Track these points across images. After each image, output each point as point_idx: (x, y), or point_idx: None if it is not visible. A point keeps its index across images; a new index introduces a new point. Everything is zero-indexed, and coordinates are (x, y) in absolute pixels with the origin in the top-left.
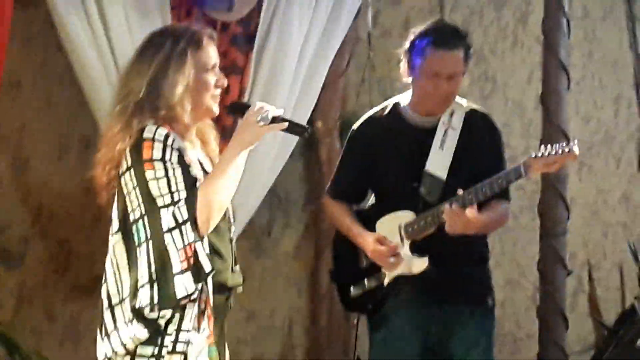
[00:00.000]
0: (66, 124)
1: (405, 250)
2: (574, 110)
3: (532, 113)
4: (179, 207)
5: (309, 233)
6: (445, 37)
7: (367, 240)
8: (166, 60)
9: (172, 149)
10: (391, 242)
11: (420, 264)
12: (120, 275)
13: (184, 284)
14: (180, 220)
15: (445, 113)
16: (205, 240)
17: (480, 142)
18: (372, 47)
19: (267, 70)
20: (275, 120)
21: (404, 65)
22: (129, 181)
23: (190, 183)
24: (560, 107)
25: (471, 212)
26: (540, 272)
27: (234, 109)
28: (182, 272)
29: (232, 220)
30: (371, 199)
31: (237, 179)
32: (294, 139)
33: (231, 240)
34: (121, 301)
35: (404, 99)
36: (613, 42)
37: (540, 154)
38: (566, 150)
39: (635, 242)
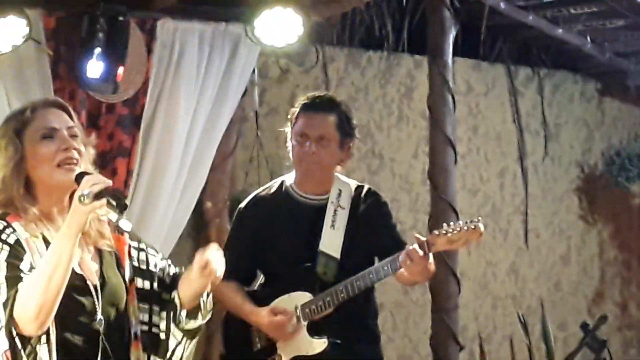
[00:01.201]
0: None
1: (303, 331)
2: (461, 183)
3: (420, 187)
4: None
5: None
6: (314, 101)
7: (260, 315)
8: None
9: (4, 243)
10: (285, 312)
11: (318, 345)
12: None
13: None
14: (0, 326)
15: (333, 192)
16: (44, 340)
17: (370, 218)
18: (259, 126)
19: (155, 151)
20: (99, 195)
21: (289, 143)
22: None
23: (12, 284)
24: (448, 182)
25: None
26: (432, 347)
27: (78, 180)
28: None
29: (97, 309)
30: (260, 280)
31: (62, 271)
32: (183, 220)
33: (97, 333)
34: None
35: (289, 178)
36: (496, 116)
37: (444, 231)
38: (471, 227)
39: (524, 314)
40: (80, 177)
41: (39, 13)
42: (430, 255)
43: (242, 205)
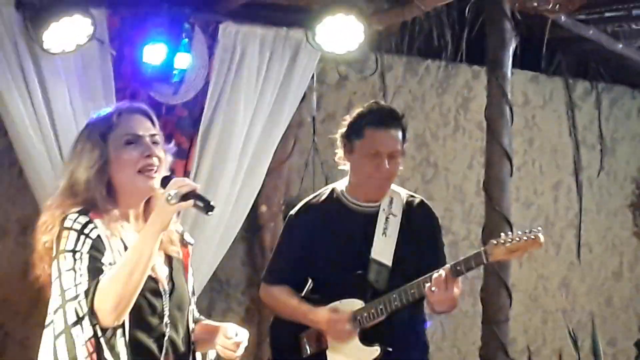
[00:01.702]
0: (5, 206)
1: (355, 338)
2: (515, 195)
3: (473, 198)
4: (79, 301)
5: (251, 318)
6: (383, 116)
7: (320, 313)
8: (82, 148)
9: (87, 237)
10: (344, 312)
11: (371, 353)
12: None
13: None
14: (80, 315)
15: (385, 200)
16: (126, 334)
17: (420, 228)
18: (315, 131)
19: (212, 154)
20: (186, 196)
21: (341, 151)
22: (54, 271)
23: (94, 274)
24: (503, 194)
25: (457, 288)
26: (482, 359)
27: (164, 183)
28: None
29: (166, 312)
30: (308, 287)
31: (143, 266)
32: (239, 222)
33: (163, 336)
34: None
35: (340, 185)
36: (553, 129)
37: (502, 241)
38: (531, 237)
39: (574, 329)
40: (166, 180)
41: (103, 13)
42: (456, 289)
43: (293, 212)
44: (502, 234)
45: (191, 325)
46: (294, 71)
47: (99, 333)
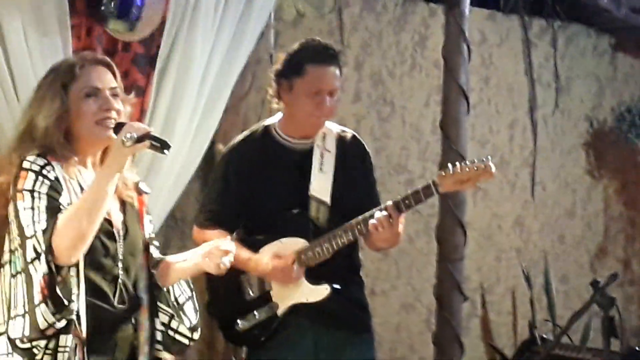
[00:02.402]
0: None
1: (302, 278)
2: (470, 134)
3: (430, 136)
4: (37, 238)
5: None
6: (322, 53)
7: (261, 260)
8: (42, 96)
9: (45, 178)
10: (286, 257)
11: (320, 291)
12: (3, 306)
13: (42, 315)
14: (39, 251)
15: (318, 136)
16: (80, 273)
17: (355, 163)
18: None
19: (169, 91)
20: (141, 138)
21: (274, 89)
22: (11, 211)
23: (52, 213)
24: (460, 133)
25: (400, 223)
26: (436, 297)
27: (117, 129)
28: (39, 303)
29: (119, 256)
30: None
31: (100, 206)
32: (196, 160)
33: (116, 278)
34: (4, 331)
35: (272, 121)
36: (509, 67)
37: (451, 171)
38: (482, 166)
39: (527, 266)
40: (119, 126)
41: None
42: (400, 224)
43: (225, 149)
44: (450, 165)
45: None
46: (252, 8)
47: (54, 270)
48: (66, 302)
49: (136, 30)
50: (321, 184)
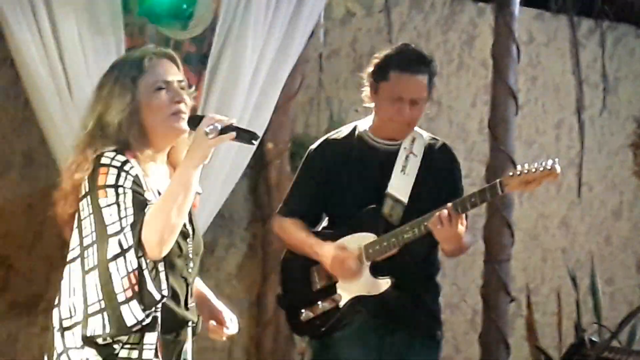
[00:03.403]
0: (9, 138)
1: (365, 271)
2: (517, 134)
3: (476, 136)
4: (124, 234)
5: (253, 254)
6: (409, 61)
7: (325, 249)
8: (110, 91)
9: (127, 174)
10: (350, 250)
11: (382, 284)
12: (74, 301)
13: (132, 312)
14: (125, 247)
15: (407, 139)
16: (161, 267)
17: (440, 171)
18: (322, 68)
19: (220, 90)
20: (225, 130)
21: (367, 90)
22: (85, 207)
23: (139, 208)
24: (508, 133)
25: (462, 225)
26: (483, 297)
27: (192, 122)
28: (127, 300)
29: (190, 256)
30: (324, 223)
31: (187, 198)
32: (245, 159)
33: (186, 278)
34: (73, 325)
35: (362, 123)
36: (556, 67)
37: (518, 172)
38: (547, 167)
39: (573, 267)
40: (192, 119)
41: None
42: (460, 225)
43: (313, 146)
44: (519, 165)
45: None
46: (303, 7)
47: (144, 265)
48: (158, 297)
49: (188, 29)
50: (401, 184)
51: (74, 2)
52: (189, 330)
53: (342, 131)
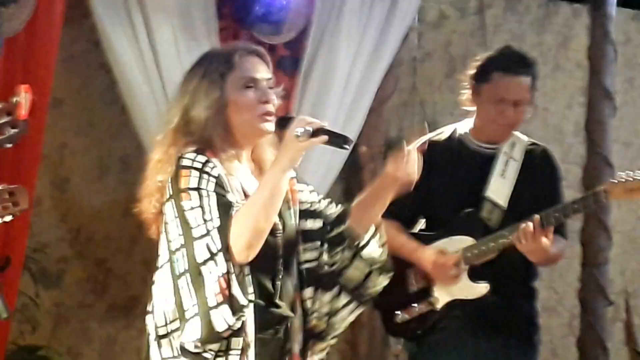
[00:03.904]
0: (106, 143)
1: (464, 275)
2: (614, 136)
3: (572, 138)
4: (212, 237)
5: None
6: (511, 62)
7: (425, 253)
8: (197, 86)
9: (209, 175)
10: (450, 255)
11: (480, 289)
12: (167, 307)
13: (222, 317)
14: (214, 251)
15: (507, 143)
16: (247, 271)
17: (540, 177)
18: (416, 71)
19: (314, 94)
20: (316, 133)
21: (467, 92)
22: (170, 211)
23: (225, 211)
24: (605, 136)
25: (546, 238)
26: (581, 301)
27: (282, 123)
28: (218, 305)
29: (279, 252)
30: (420, 225)
31: (276, 203)
32: (340, 163)
33: (277, 275)
34: (168, 333)
35: (462, 125)
36: None
37: (623, 179)
38: None
39: None
40: (282, 120)
41: None
42: (544, 239)
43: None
44: (622, 173)
45: (311, 254)
46: (396, 10)
47: (231, 269)
48: (245, 302)
49: (282, 33)
50: (500, 188)
51: (169, 8)
52: (295, 324)
53: (443, 133)
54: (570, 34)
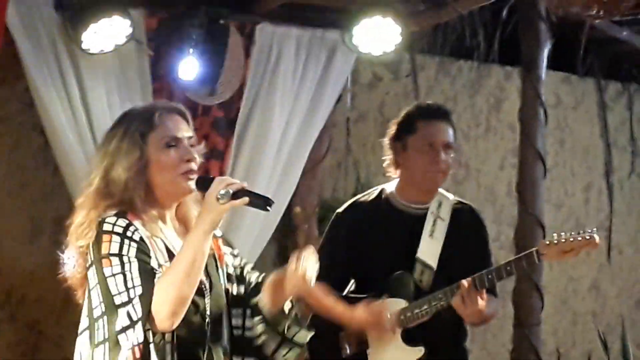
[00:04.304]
0: (39, 204)
1: (397, 338)
2: (546, 197)
3: (504, 199)
4: (133, 305)
5: None
6: (432, 110)
7: (356, 312)
8: (117, 147)
9: (131, 240)
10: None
11: (415, 353)
12: None
13: None
14: (134, 319)
15: (433, 203)
16: (168, 337)
17: (468, 235)
18: (349, 132)
19: (248, 155)
20: (237, 194)
21: (389, 156)
22: (92, 277)
23: (147, 278)
24: (536, 197)
25: (482, 300)
26: None
27: (200, 184)
28: None
29: (208, 313)
30: (350, 287)
31: (199, 267)
32: (273, 224)
33: (205, 335)
34: None
35: (389, 186)
36: (584, 130)
37: (555, 240)
38: (586, 237)
39: (604, 331)
40: (201, 180)
41: (141, 14)
42: (481, 300)
43: (340, 210)
44: (555, 234)
45: (236, 320)
46: (330, 72)
47: (150, 338)
48: None
49: (216, 94)
50: (429, 249)
51: (104, 69)
52: None
53: (369, 194)
54: (502, 96)
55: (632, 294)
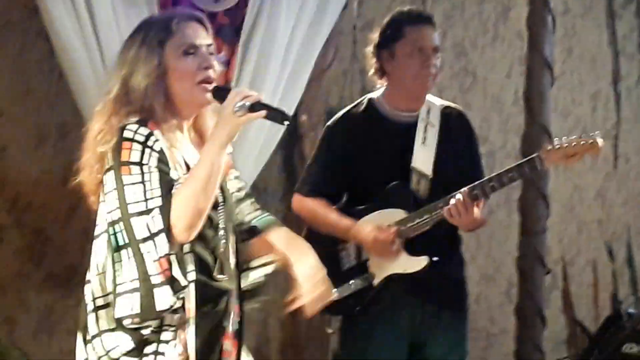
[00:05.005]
0: (44, 111)
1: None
2: (553, 105)
3: (511, 108)
4: (152, 217)
5: (288, 226)
6: (417, 15)
7: (363, 231)
8: (136, 54)
9: (152, 150)
10: (389, 230)
11: (418, 263)
12: (105, 278)
13: (163, 297)
14: (154, 231)
15: (422, 109)
16: (187, 248)
17: (459, 138)
18: (356, 40)
19: (254, 63)
20: (254, 107)
21: (374, 65)
22: (109, 181)
23: (167, 189)
24: (543, 105)
25: (476, 209)
26: (519, 269)
27: (218, 93)
28: (160, 284)
29: (221, 225)
30: (343, 199)
31: (215, 181)
32: (279, 132)
33: (216, 248)
34: (105, 305)
35: (376, 94)
36: (592, 38)
37: (557, 145)
38: (589, 141)
39: (610, 239)
40: (218, 90)
41: None
42: (476, 209)
43: (331, 122)
44: (558, 139)
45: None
46: None
47: (172, 250)
48: (185, 283)
49: (221, 1)
50: (423, 157)
51: None
52: (232, 299)
53: (359, 104)
54: (509, 3)
55: (638, 202)
